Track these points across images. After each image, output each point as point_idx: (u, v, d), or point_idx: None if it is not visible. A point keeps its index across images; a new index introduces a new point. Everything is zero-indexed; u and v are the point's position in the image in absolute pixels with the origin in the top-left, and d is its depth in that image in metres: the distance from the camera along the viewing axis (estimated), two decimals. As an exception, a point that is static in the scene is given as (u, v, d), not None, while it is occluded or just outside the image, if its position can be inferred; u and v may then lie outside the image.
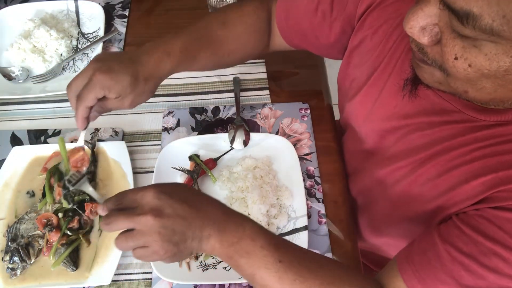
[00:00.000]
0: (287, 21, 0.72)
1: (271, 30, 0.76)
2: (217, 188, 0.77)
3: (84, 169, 0.62)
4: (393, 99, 0.61)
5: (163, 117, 0.85)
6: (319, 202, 0.75)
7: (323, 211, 0.74)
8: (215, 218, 0.50)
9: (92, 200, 0.74)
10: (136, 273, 0.70)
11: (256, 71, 0.92)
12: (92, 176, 0.77)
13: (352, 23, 0.65)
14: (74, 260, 0.68)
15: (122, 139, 0.82)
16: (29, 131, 0.84)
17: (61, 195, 0.72)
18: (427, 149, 0.56)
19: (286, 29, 0.73)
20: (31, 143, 0.82)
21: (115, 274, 0.68)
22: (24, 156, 0.79)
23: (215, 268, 0.69)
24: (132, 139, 0.83)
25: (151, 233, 0.47)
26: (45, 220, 0.70)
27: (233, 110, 0.86)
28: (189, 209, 0.48)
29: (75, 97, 0.59)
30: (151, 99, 0.88)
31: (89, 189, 0.58)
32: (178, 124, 0.84)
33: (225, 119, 0.85)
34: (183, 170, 0.76)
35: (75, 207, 0.70)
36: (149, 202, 0.47)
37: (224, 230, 0.49)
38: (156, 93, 0.88)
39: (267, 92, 0.89)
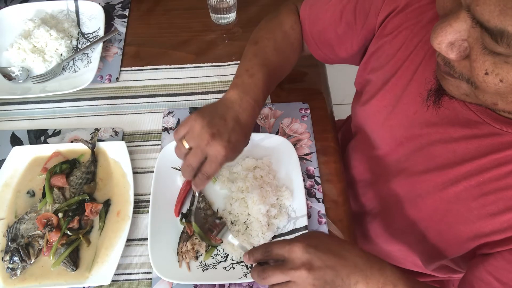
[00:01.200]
0: (312, 33, 0.73)
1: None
2: (217, 188, 0.77)
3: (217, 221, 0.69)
4: (413, 106, 0.60)
5: (163, 117, 0.85)
6: (319, 202, 0.75)
7: (323, 211, 0.74)
8: (359, 265, 0.52)
9: (92, 200, 0.74)
10: (136, 273, 0.70)
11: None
12: (92, 176, 0.77)
13: (373, 30, 0.64)
14: (74, 260, 0.68)
15: (122, 139, 0.82)
16: (29, 131, 0.84)
17: (65, 185, 0.74)
18: (457, 166, 0.55)
19: (311, 41, 0.74)
20: (31, 143, 0.82)
21: (115, 274, 0.68)
22: (24, 156, 0.79)
23: (215, 268, 0.69)
24: (132, 139, 0.83)
25: (305, 286, 0.51)
26: (45, 220, 0.70)
27: (233, 110, 0.86)
28: (335, 259, 0.52)
29: (184, 155, 0.60)
30: (151, 99, 0.88)
31: (235, 241, 0.65)
32: (178, 124, 0.84)
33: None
34: (183, 170, 0.76)
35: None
36: (299, 256, 0.51)
37: (369, 276, 0.52)
38: (156, 93, 0.89)
39: (267, 92, 0.89)
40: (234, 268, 0.69)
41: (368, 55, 0.67)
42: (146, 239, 0.69)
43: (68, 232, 0.69)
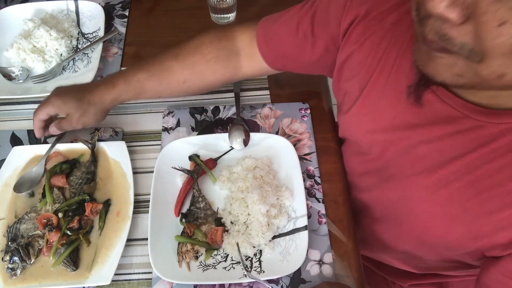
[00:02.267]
0: (268, 44, 0.72)
1: (239, 56, 0.75)
2: (217, 188, 0.77)
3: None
4: (392, 111, 0.59)
5: (163, 117, 0.85)
6: (319, 202, 0.75)
7: (323, 211, 0.74)
8: None
9: (92, 200, 0.74)
10: (136, 273, 0.70)
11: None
12: (92, 176, 0.77)
13: (337, 41, 0.65)
14: (74, 260, 0.68)
15: (122, 139, 0.82)
16: (29, 131, 0.84)
17: (65, 185, 0.75)
18: (445, 165, 0.53)
19: (267, 53, 0.73)
20: (31, 143, 0.82)
21: (115, 274, 0.68)
22: (24, 156, 0.79)
23: (215, 268, 0.69)
24: (132, 139, 0.83)
25: None
26: (45, 220, 0.70)
27: (233, 110, 0.86)
28: None
29: (34, 112, 0.74)
30: (151, 99, 0.88)
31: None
32: (178, 124, 0.84)
33: (225, 119, 0.85)
34: (183, 170, 0.76)
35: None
36: None
37: None
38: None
39: (267, 92, 0.89)
40: (234, 268, 0.69)
41: (339, 65, 0.66)
42: (146, 239, 0.69)
43: (68, 232, 0.69)
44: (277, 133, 0.82)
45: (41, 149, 0.79)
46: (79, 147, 0.80)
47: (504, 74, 0.38)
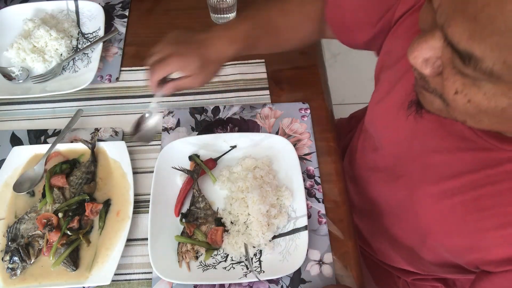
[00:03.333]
0: (334, 13, 0.73)
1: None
2: (217, 188, 0.77)
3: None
4: (402, 114, 0.60)
5: (163, 117, 0.85)
6: (319, 202, 0.75)
7: (323, 211, 0.74)
8: None
9: (92, 200, 0.74)
10: (136, 273, 0.70)
11: (256, 71, 0.92)
12: (92, 176, 0.77)
13: (390, 23, 0.65)
14: (74, 260, 0.68)
15: (122, 139, 0.82)
16: (29, 131, 0.84)
17: (65, 185, 0.74)
18: (451, 178, 0.55)
19: (334, 21, 0.74)
20: (31, 143, 0.82)
21: (115, 274, 0.68)
22: (24, 156, 0.79)
23: (215, 268, 0.69)
24: (132, 139, 0.83)
25: None
26: (45, 220, 0.70)
27: (233, 110, 0.86)
28: None
29: (150, 70, 0.68)
30: (151, 99, 0.88)
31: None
32: (178, 124, 0.84)
33: (225, 119, 0.85)
34: (183, 170, 0.76)
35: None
36: None
37: None
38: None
39: (267, 92, 0.89)
40: (234, 268, 0.69)
41: (384, 52, 0.67)
42: (146, 239, 0.69)
43: (68, 232, 0.69)
44: (277, 133, 0.82)
45: (41, 149, 0.79)
46: (79, 147, 0.80)
47: (465, 121, 0.43)
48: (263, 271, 0.68)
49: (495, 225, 0.51)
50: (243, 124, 0.84)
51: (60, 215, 0.71)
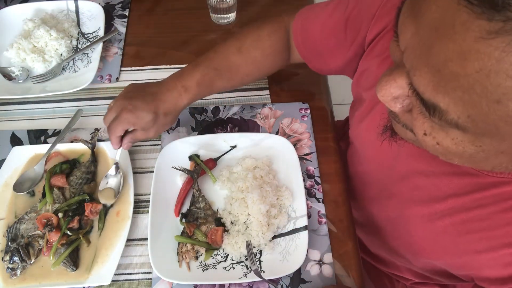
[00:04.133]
0: (304, 45, 0.73)
1: (291, 46, 0.77)
2: (217, 188, 0.77)
3: None
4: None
5: (163, 117, 0.85)
6: (319, 202, 0.75)
7: (323, 211, 0.74)
8: None
9: (92, 200, 0.74)
10: (136, 273, 0.70)
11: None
12: (92, 176, 0.77)
13: (363, 46, 0.64)
14: (74, 260, 0.68)
15: (122, 139, 0.82)
16: (29, 131, 0.84)
17: (65, 185, 0.74)
18: (441, 200, 0.55)
19: (304, 51, 0.74)
20: (31, 143, 0.82)
21: (115, 274, 0.68)
22: (24, 156, 0.79)
23: (215, 268, 0.69)
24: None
25: None
26: (45, 220, 0.70)
27: (233, 110, 0.86)
28: None
29: (108, 128, 0.69)
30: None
31: None
32: (178, 124, 0.84)
33: (225, 119, 0.85)
34: (183, 170, 0.76)
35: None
36: None
37: None
38: (156, 93, 0.89)
39: (267, 92, 0.89)
40: (234, 268, 0.69)
41: (359, 72, 0.67)
42: (146, 239, 0.69)
43: (68, 232, 0.69)
44: (277, 133, 0.82)
45: (41, 149, 0.79)
46: (79, 147, 0.80)
47: (437, 156, 0.42)
48: (263, 271, 0.68)
49: (485, 248, 0.51)
50: (243, 124, 0.84)
51: (60, 215, 0.71)
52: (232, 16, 0.99)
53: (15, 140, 0.83)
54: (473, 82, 0.30)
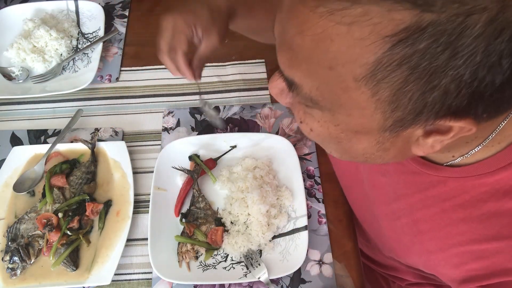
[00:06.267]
0: None
1: None
2: (217, 188, 0.77)
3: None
4: None
5: (163, 117, 0.85)
6: (319, 202, 0.75)
7: (323, 211, 0.74)
8: None
9: (92, 200, 0.74)
10: (136, 273, 0.70)
11: (256, 71, 0.92)
12: (92, 176, 0.77)
13: None
14: (74, 260, 0.68)
15: (122, 139, 0.82)
16: (29, 131, 0.84)
17: (65, 185, 0.74)
18: (395, 201, 0.56)
19: None
20: (31, 143, 0.82)
21: (115, 274, 0.68)
22: (24, 156, 0.79)
23: (215, 268, 0.69)
24: (132, 139, 0.83)
25: None
26: (45, 220, 0.70)
27: (233, 110, 0.86)
28: None
29: (168, 56, 0.60)
30: (151, 99, 0.88)
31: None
32: (178, 124, 0.84)
33: (225, 119, 0.85)
34: (183, 170, 0.76)
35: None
36: None
37: None
38: (156, 93, 0.89)
39: (267, 92, 0.89)
40: (234, 268, 0.69)
41: None
42: (146, 239, 0.69)
43: (68, 232, 0.69)
44: (277, 133, 0.82)
45: (41, 149, 0.79)
46: (79, 147, 0.80)
47: (331, 153, 0.46)
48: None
49: (435, 248, 0.52)
50: (243, 124, 0.84)
51: (60, 215, 0.71)
52: (232, 16, 0.99)
53: (15, 140, 0.83)
54: (311, 52, 0.32)
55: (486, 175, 0.44)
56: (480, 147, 0.42)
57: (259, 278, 0.66)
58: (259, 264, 0.67)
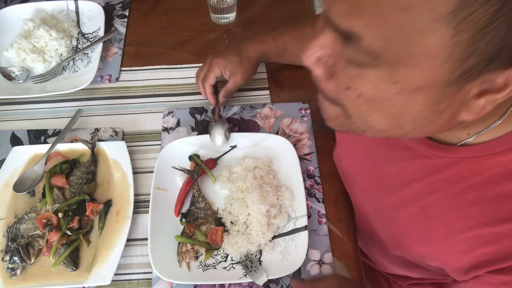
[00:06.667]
0: None
1: None
2: (217, 188, 0.77)
3: None
4: None
5: (163, 117, 0.85)
6: (319, 202, 0.75)
7: (323, 211, 0.74)
8: None
9: (92, 200, 0.74)
10: (136, 273, 0.70)
11: (256, 71, 0.92)
12: (92, 176, 0.77)
13: None
14: (74, 260, 0.68)
15: (122, 139, 0.82)
16: (29, 131, 0.84)
17: (65, 185, 0.74)
18: (404, 188, 0.55)
19: None
20: (31, 143, 0.82)
21: (115, 274, 0.68)
22: (24, 156, 0.79)
23: (215, 268, 0.69)
24: (132, 139, 0.83)
25: None
26: (45, 220, 0.70)
27: (233, 110, 0.86)
28: None
29: (201, 82, 0.81)
30: (151, 99, 0.88)
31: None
32: (178, 124, 0.84)
33: (225, 119, 0.85)
34: (183, 170, 0.76)
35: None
36: None
37: None
38: (156, 93, 0.89)
39: (267, 92, 0.89)
40: (234, 268, 0.69)
41: None
42: (146, 239, 0.69)
43: (68, 232, 0.69)
44: (277, 133, 0.82)
45: (41, 149, 0.79)
46: (79, 147, 0.80)
47: (364, 131, 0.42)
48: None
49: (443, 235, 0.51)
50: (243, 124, 0.84)
51: (60, 215, 0.71)
52: (232, 16, 0.99)
53: (15, 140, 0.83)
54: None
55: (501, 154, 0.43)
56: (496, 123, 0.41)
57: (259, 283, 0.66)
58: (257, 269, 0.67)
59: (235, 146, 0.80)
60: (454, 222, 0.49)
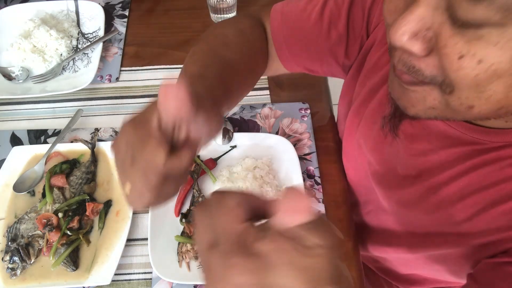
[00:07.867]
0: (289, 46, 0.66)
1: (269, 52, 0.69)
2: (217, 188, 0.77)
3: None
4: (369, 135, 0.60)
5: (163, 117, 0.85)
6: (319, 202, 0.75)
7: (323, 211, 0.74)
8: None
9: (92, 200, 0.74)
10: (136, 273, 0.70)
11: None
12: (92, 176, 0.77)
13: (363, 42, 0.62)
14: (74, 260, 0.68)
15: (122, 139, 0.82)
16: (29, 131, 0.84)
17: (65, 185, 0.74)
18: (437, 174, 0.53)
19: (288, 56, 0.67)
20: (31, 143, 0.82)
21: (115, 274, 0.68)
22: (24, 156, 0.79)
23: (215, 268, 0.69)
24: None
25: None
26: (45, 220, 0.70)
27: (233, 110, 0.86)
28: None
29: None
30: (151, 99, 0.88)
31: None
32: (178, 124, 0.84)
33: (225, 118, 0.85)
34: (183, 170, 0.76)
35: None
36: None
37: None
38: (156, 93, 0.89)
39: (267, 92, 0.89)
40: (234, 268, 0.68)
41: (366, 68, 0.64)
42: (146, 239, 0.69)
43: (68, 232, 0.69)
44: (277, 133, 0.82)
45: (41, 149, 0.79)
46: (79, 147, 0.80)
47: (472, 106, 0.37)
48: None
49: (478, 210, 0.50)
50: (243, 124, 0.84)
51: (60, 215, 0.71)
52: (232, 16, 0.99)
53: (15, 140, 0.83)
54: None
55: None
56: None
57: None
58: None
59: (235, 146, 0.80)
60: (492, 194, 0.48)
